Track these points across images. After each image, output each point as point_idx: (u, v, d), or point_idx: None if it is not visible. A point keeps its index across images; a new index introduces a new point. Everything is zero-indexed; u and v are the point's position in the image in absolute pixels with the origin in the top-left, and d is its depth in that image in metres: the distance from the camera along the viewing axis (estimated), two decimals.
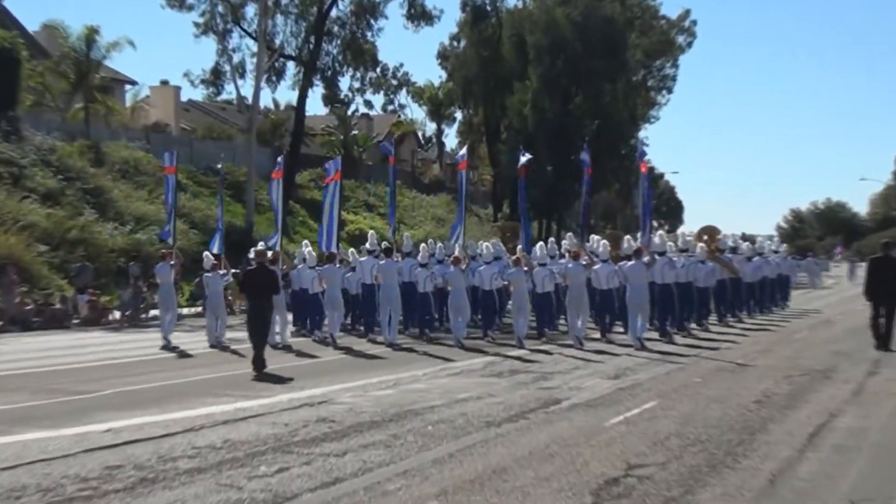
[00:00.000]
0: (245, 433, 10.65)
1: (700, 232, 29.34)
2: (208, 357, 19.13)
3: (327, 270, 22.07)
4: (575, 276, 21.02)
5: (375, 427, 10.96)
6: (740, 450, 9.58)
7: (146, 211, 38.18)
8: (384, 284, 21.59)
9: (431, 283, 22.59)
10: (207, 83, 50.11)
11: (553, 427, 10.86)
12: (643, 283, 20.47)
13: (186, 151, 47.11)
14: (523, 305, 21.04)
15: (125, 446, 10.00)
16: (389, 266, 22.02)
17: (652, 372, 15.74)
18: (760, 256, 30.09)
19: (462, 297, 21.35)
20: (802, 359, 17.36)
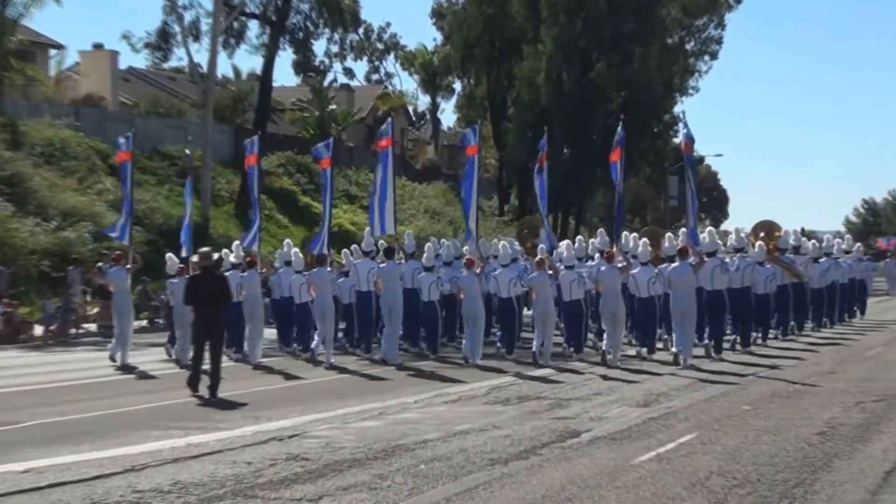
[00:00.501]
0: (199, 474, 10.64)
1: (756, 228, 29.50)
2: (172, 379, 19.06)
3: (317, 275, 22.02)
4: (609, 282, 21.17)
5: (357, 466, 10.97)
6: (798, 492, 9.59)
7: (76, 203, 38.07)
8: (385, 291, 21.81)
9: (438, 290, 22.79)
10: (152, 47, 49.96)
11: (570, 465, 10.87)
12: (690, 288, 20.64)
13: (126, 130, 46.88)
14: (548, 316, 21.11)
15: (49, 490, 9.98)
16: (391, 270, 22.15)
17: (690, 398, 15.76)
18: (829, 257, 30.17)
19: (477, 306, 21.58)
20: (877, 381, 17.39)
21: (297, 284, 23.06)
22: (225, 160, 50.16)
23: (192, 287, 17.26)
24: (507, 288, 22.58)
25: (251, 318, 22.15)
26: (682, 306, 20.47)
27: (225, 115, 54.67)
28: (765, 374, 18.82)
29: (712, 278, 21.97)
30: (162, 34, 48.78)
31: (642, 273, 21.81)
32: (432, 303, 22.82)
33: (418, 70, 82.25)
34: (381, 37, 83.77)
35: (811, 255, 29.06)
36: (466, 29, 65.37)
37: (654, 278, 21.71)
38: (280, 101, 63.94)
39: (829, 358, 21.48)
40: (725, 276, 22.36)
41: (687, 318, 20.44)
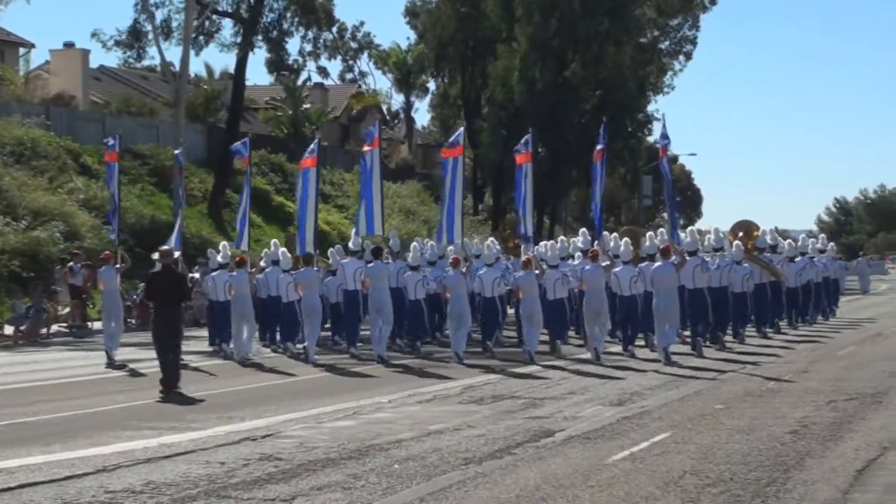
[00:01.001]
0: (171, 474, 10.63)
1: (735, 228, 29.94)
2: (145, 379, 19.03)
3: (304, 275, 22.27)
4: (593, 280, 21.52)
5: (331, 465, 10.97)
6: (771, 491, 9.65)
7: (47, 203, 37.81)
8: (373, 290, 22.00)
9: (423, 289, 23.08)
10: (124, 46, 49.59)
11: (544, 464, 10.91)
12: (672, 287, 21.07)
13: (98, 129, 46.82)
14: (535, 314, 21.50)
15: (20, 490, 9.96)
16: (379, 269, 22.33)
17: (663, 397, 15.83)
18: (804, 257, 30.59)
19: (463, 304, 21.89)
20: (849, 380, 17.49)
21: (285, 284, 23.32)
22: (198, 160, 49.96)
23: (151, 285, 17.59)
24: (491, 287, 22.87)
25: (241, 317, 22.39)
26: (666, 305, 20.84)
27: (198, 114, 54.48)
28: (745, 371, 18.95)
29: (694, 277, 22.38)
30: (133, 33, 48.47)
31: (624, 272, 22.26)
32: (418, 301, 23.11)
33: (392, 69, 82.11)
34: (355, 36, 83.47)
35: (787, 254, 29.52)
36: (440, 28, 65.30)
37: (636, 277, 22.22)
38: (254, 99, 63.75)
39: (802, 357, 21.60)
40: (706, 274, 22.77)
41: (670, 316, 20.86)
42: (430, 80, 77.69)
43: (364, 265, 22.85)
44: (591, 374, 18.97)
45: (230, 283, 22.76)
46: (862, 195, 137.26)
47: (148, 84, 60.91)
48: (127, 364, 21.29)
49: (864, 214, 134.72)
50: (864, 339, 25.60)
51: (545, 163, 56.83)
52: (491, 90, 61.66)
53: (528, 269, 21.61)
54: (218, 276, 23.42)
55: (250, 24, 48.70)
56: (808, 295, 30.10)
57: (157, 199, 43.97)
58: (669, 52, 71.58)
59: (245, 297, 22.59)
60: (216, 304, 23.52)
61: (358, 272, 22.88)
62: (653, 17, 67.37)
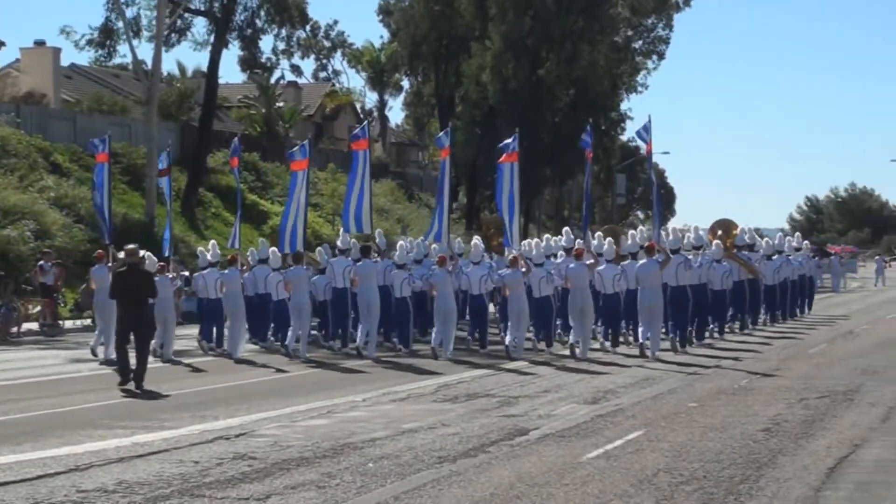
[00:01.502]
0: (145, 473, 10.60)
1: (714, 227, 30.53)
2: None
3: (294, 273, 22.56)
4: (578, 278, 21.99)
5: (305, 464, 10.96)
6: (744, 488, 9.70)
7: (17, 201, 37.55)
8: (361, 288, 22.40)
9: (409, 287, 23.45)
10: (95, 44, 49.29)
11: (519, 463, 10.93)
12: (657, 284, 21.58)
13: (69, 128, 46.58)
14: (522, 312, 21.89)
15: None
16: (367, 267, 22.80)
17: (637, 395, 15.89)
18: (780, 255, 31.13)
19: (450, 302, 22.32)
20: (820, 378, 17.60)
21: (274, 282, 23.69)
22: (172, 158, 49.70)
23: (117, 283, 17.73)
24: (478, 285, 23.32)
25: (232, 315, 22.82)
26: (650, 302, 21.31)
27: (170, 113, 54.22)
28: (724, 367, 19.03)
29: (676, 275, 22.74)
30: (105, 31, 48.16)
31: (608, 270, 22.65)
32: (404, 299, 23.29)
33: (366, 67, 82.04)
34: (329, 34, 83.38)
35: (764, 252, 30.05)
36: (414, 26, 65.24)
37: (619, 275, 22.57)
38: (227, 97, 63.50)
39: (775, 355, 21.71)
40: (688, 272, 23.12)
41: (654, 313, 21.38)
42: (404, 79, 77.71)
43: (352, 263, 23.15)
44: (566, 372, 19.04)
45: (222, 280, 23.18)
46: (833, 194, 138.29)
47: (120, 82, 60.59)
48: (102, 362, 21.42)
49: (835, 213, 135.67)
50: (836, 337, 25.76)
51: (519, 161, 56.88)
52: (465, 89, 61.66)
53: (515, 267, 21.98)
54: (209, 275, 23.75)
55: (223, 23, 48.53)
56: (785, 292, 30.65)
57: (130, 198, 43.77)
58: (643, 52, 71.77)
59: (237, 294, 22.95)
60: (206, 301, 23.81)
61: (347, 270, 23.17)
62: (627, 16, 67.53)
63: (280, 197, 54.26)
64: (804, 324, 30.12)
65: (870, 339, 24.97)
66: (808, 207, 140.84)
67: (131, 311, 17.17)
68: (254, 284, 24.32)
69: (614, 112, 64.49)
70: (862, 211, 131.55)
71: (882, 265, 61.21)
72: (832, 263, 54.77)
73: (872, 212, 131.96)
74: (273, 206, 52.48)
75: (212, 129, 49.85)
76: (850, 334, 26.58)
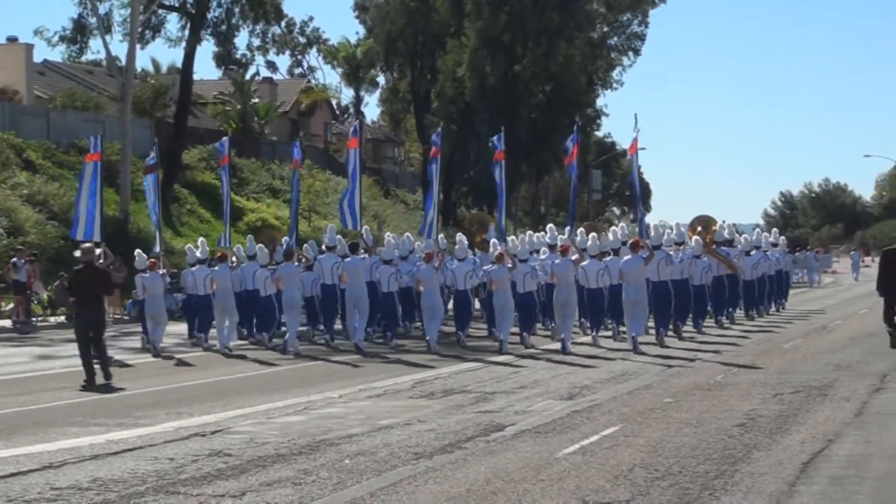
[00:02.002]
0: (119, 470, 10.56)
1: (694, 223, 30.79)
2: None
3: (285, 269, 23.21)
4: (564, 273, 22.56)
5: (281, 461, 10.94)
6: (719, 483, 9.73)
7: None
8: (350, 284, 22.99)
9: (396, 283, 24.26)
10: (68, 40, 49.07)
11: (495, 459, 10.93)
12: (641, 279, 22.27)
13: (42, 124, 46.35)
14: (507, 306, 22.53)
15: None
16: (356, 263, 23.49)
17: (613, 391, 15.92)
18: (758, 251, 31.70)
19: (436, 297, 23.12)
20: (794, 373, 17.66)
21: (262, 278, 24.15)
22: (145, 154, 49.45)
23: (74, 281, 18.22)
24: (463, 280, 23.88)
25: (223, 310, 23.37)
26: (635, 296, 22.04)
27: (145, 109, 54.03)
28: (702, 360, 19.13)
29: (658, 270, 23.26)
30: (78, 27, 47.88)
31: (591, 266, 23.24)
32: (390, 294, 24.02)
33: (341, 63, 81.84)
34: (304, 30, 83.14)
35: (743, 248, 30.66)
36: (389, 22, 65.19)
37: (603, 270, 23.28)
38: (202, 94, 63.35)
39: (749, 350, 21.80)
40: (670, 267, 23.68)
41: (639, 307, 22.06)
42: (380, 75, 77.63)
43: (340, 260, 23.66)
44: (543, 368, 19.08)
45: (212, 277, 23.69)
46: (807, 189, 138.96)
47: (93, 79, 60.35)
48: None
49: (809, 208, 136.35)
50: (810, 332, 25.87)
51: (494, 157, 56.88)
52: (440, 85, 61.65)
53: (501, 263, 22.53)
54: (198, 271, 24.12)
55: (197, 19, 48.38)
56: (763, 287, 31.19)
57: (105, 195, 43.44)
58: (619, 48, 71.88)
59: (227, 290, 23.50)
60: (195, 297, 24.30)
61: (335, 267, 23.66)
62: (602, 12, 67.61)
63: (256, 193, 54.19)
64: (780, 319, 30.42)
65: (843, 334, 25.09)
66: (782, 203, 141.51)
67: (88, 308, 17.68)
68: (241, 281, 24.56)
69: (590, 108, 64.59)
70: (835, 206, 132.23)
71: (858, 260, 61.57)
72: (808, 259, 55.10)
73: (845, 207, 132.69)
74: (249, 203, 52.38)
75: (187, 125, 49.70)
76: (824, 329, 26.71)
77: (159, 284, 23.58)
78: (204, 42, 51.42)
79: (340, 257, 23.75)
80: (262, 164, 59.96)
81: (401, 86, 71.37)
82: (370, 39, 72.11)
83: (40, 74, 58.12)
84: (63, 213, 38.96)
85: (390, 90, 74.14)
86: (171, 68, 66.79)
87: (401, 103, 73.16)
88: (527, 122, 57.55)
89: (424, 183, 70.20)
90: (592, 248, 23.41)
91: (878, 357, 19.54)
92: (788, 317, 31.23)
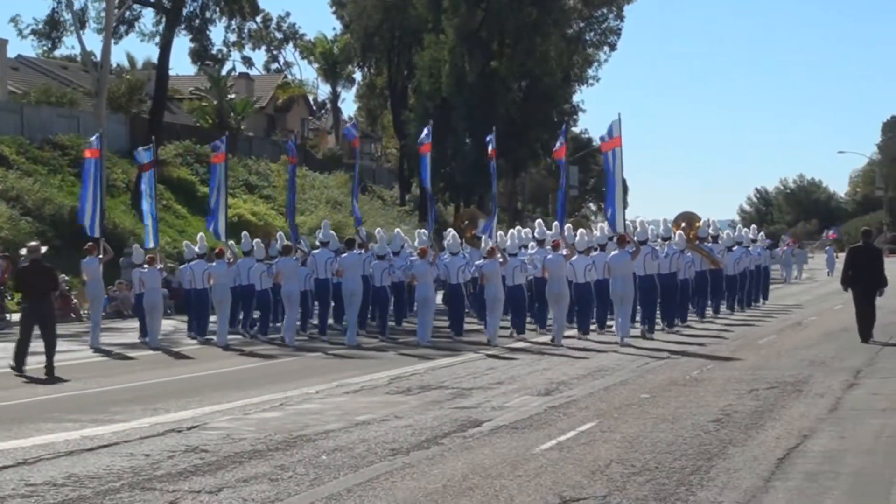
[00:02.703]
0: (94, 466, 10.52)
1: (678, 219, 31.66)
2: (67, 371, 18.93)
3: (284, 264, 23.76)
4: (556, 268, 23.13)
5: (258, 457, 10.92)
6: (695, 479, 9.76)
7: None
8: (346, 278, 23.77)
9: (389, 277, 24.84)
10: (42, 35, 48.75)
11: (472, 454, 10.94)
12: (628, 274, 23.15)
13: (15, 120, 46.05)
14: (498, 300, 23.13)
15: None
16: (352, 259, 24.17)
17: (590, 387, 15.95)
18: (740, 246, 32.44)
19: (430, 291, 23.67)
20: (769, 369, 17.73)
21: (258, 273, 25.03)
22: (121, 150, 49.33)
23: (21, 278, 19.10)
24: (456, 274, 24.49)
25: (219, 305, 24.01)
26: (622, 290, 22.89)
27: (120, 104, 53.75)
28: (679, 355, 19.19)
29: (644, 264, 24.13)
30: (52, 21, 47.47)
31: (579, 261, 23.77)
32: (383, 288, 24.60)
33: (318, 59, 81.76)
34: (281, 26, 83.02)
35: (725, 244, 31.23)
36: (366, 18, 65.11)
37: (591, 265, 23.86)
38: (178, 89, 63.10)
39: (725, 346, 21.87)
40: (656, 262, 24.53)
41: (626, 301, 22.89)
42: (357, 71, 77.55)
43: (333, 255, 24.68)
44: (520, 364, 19.10)
45: (209, 272, 24.36)
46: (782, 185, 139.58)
47: (68, 74, 60.03)
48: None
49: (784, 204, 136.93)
50: (785, 328, 25.98)
51: (471, 153, 56.95)
52: (417, 80, 61.63)
53: (493, 257, 23.25)
54: (196, 266, 24.93)
55: (173, 13, 48.14)
56: (745, 282, 32.13)
57: (79, 190, 43.19)
58: (594, 43, 72.03)
59: (224, 285, 24.13)
60: (193, 292, 24.98)
61: (329, 262, 24.57)
62: (579, 8, 67.73)
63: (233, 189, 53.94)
64: (755, 314, 30.72)
65: (817, 329, 25.20)
66: (757, 199, 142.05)
67: (36, 303, 18.35)
68: (237, 275, 25.19)
69: (567, 104, 64.72)
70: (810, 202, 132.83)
71: (832, 255, 61.79)
72: (785, 254, 55.31)
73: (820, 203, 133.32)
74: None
75: (163, 121, 49.49)
76: (799, 325, 26.82)
77: (157, 279, 24.30)
78: (180, 37, 51.27)
79: (334, 253, 24.70)
80: (239, 160, 59.73)
81: (378, 81, 71.28)
82: (347, 35, 72.04)
83: (14, 70, 57.77)
84: (37, 209, 38.74)
85: (367, 86, 74.10)
86: (146, 64, 66.48)
87: (378, 99, 73.12)
88: (504, 118, 57.57)
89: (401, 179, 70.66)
90: (580, 244, 23.95)
91: (852, 353, 19.67)
92: (765, 312, 31.56)
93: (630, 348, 21.27)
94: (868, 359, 18.81)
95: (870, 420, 12.72)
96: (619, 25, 71.52)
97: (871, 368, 17.59)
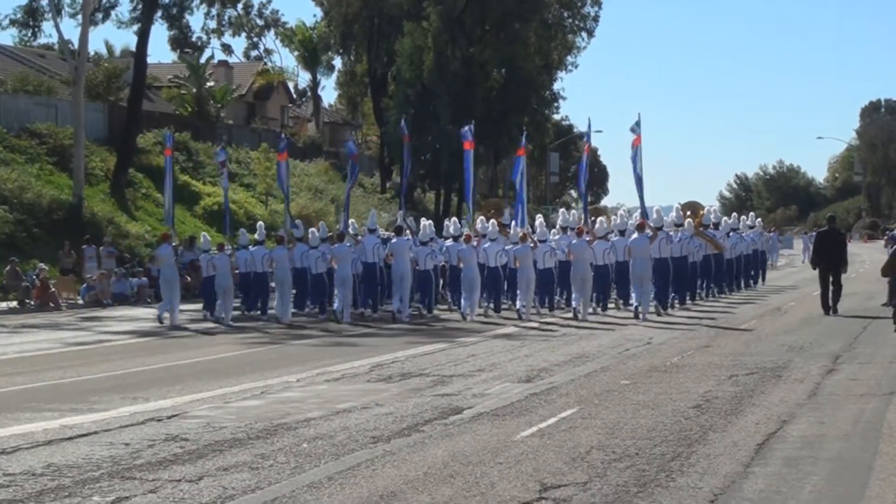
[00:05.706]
0: (74, 455, 10.48)
1: (683, 207, 34.58)
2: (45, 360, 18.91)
3: (339, 249, 26.09)
4: (580, 252, 25.78)
5: (238, 445, 10.90)
6: (675, 465, 9.79)
7: None
8: (395, 262, 26.00)
9: (432, 261, 27.23)
10: (19, 24, 48.38)
11: (453, 442, 10.95)
12: (647, 256, 25.54)
13: None
14: (530, 280, 25.90)
15: None
16: (402, 244, 26.39)
17: (570, 373, 15.97)
18: (735, 232, 35.06)
19: (475, 273, 26.03)
20: (749, 354, 17.80)
21: (313, 258, 27.02)
22: (99, 138, 49.11)
23: None
24: (494, 258, 26.97)
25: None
26: (641, 271, 25.23)
27: (98, 93, 53.43)
28: (658, 341, 19.23)
29: (660, 248, 26.39)
30: (29, 10, 47.07)
31: (599, 245, 26.65)
32: (427, 271, 27.10)
33: (298, 47, 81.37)
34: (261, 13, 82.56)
35: (725, 230, 33.53)
36: (346, 5, 64.90)
37: (609, 249, 26.72)
38: (157, 77, 62.75)
39: (704, 333, 21.92)
40: (670, 246, 26.97)
41: (644, 281, 25.27)
42: (337, 58, 77.30)
43: (379, 241, 26.97)
44: (501, 351, 19.11)
45: (269, 257, 27.23)
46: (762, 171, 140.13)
47: (45, 62, 59.59)
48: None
49: (764, 190, 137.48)
50: (764, 314, 26.09)
51: (453, 141, 56.79)
52: (397, 68, 61.42)
53: (525, 242, 26.21)
54: (256, 251, 27.75)
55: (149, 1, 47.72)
56: (741, 265, 34.92)
57: (57, 179, 43.11)
58: (573, 29, 71.90)
59: (285, 269, 26.69)
60: (252, 275, 27.67)
61: (376, 247, 26.71)
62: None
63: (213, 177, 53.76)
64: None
65: (796, 315, 25.33)
66: (737, 185, 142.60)
67: None
68: (291, 260, 27.36)
69: (546, 91, 64.66)
70: (789, 188, 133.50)
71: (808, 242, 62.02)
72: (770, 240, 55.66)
73: (799, 189, 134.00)
74: (205, 187, 51.99)
75: (141, 108, 49.24)
76: (778, 311, 26.94)
77: (227, 263, 26.56)
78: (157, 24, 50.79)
79: (381, 240, 27.13)
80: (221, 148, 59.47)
81: (357, 69, 71.04)
82: (326, 22, 71.77)
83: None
84: (15, 198, 38.53)
85: (347, 73, 73.85)
86: (124, 51, 66.14)
87: (358, 86, 72.88)
88: (483, 105, 57.50)
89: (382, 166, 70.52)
90: (600, 230, 26.85)
91: (831, 338, 19.77)
92: (743, 297, 32.32)
93: (648, 322, 23.84)
94: (847, 344, 18.90)
95: (848, 405, 12.78)
96: (596, 11, 71.42)
97: (849, 354, 17.68)
